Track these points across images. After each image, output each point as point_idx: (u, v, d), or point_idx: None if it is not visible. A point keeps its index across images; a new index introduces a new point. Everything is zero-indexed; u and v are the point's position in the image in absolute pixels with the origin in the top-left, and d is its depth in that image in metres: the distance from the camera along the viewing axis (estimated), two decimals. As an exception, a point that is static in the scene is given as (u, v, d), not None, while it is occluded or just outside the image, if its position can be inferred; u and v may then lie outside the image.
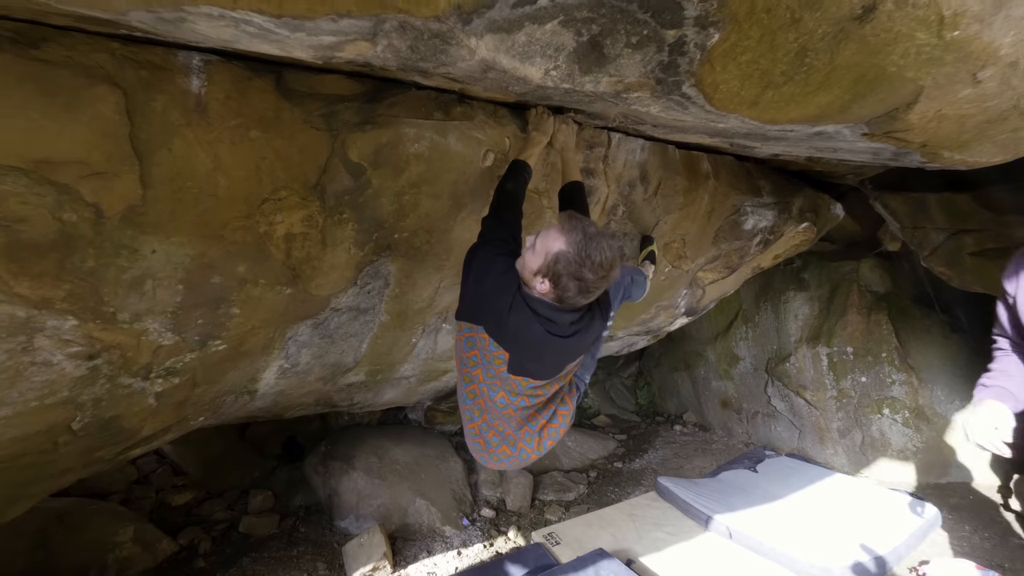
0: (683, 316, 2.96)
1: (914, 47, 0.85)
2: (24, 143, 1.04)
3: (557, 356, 1.22)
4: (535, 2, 0.68)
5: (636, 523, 2.49)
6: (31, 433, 1.41)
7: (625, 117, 1.54)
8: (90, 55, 1.08)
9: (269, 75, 1.30)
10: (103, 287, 1.22)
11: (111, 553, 2.21)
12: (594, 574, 1.92)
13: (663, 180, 2.08)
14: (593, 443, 3.65)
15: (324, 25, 0.64)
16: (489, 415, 1.28)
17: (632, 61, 0.87)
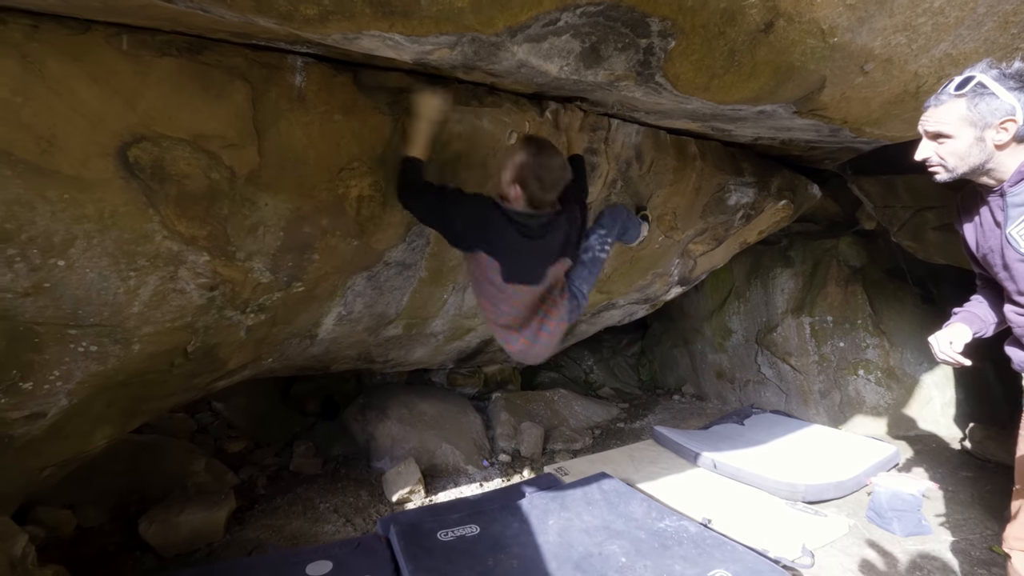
0: (677, 285, 3.39)
1: (808, 48, 1.28)
2: (189, 122, 1.49)
3: (536, 257, 1.67)
4: (556, 24, 1.12)
5: (635, 462, 2.92)
6: (160, 351, 1.86)
7: (621, 105, 1.98)
8: (232, 59, 1.53)
9: (348, 73, 1.75)
10: (231, 230, 1.67)
11: (189, 479, 2.66)
12: (597, 489, 2.35)
13: (655, 160, 2.51)
14: (598, 408, 4.07)
15: (431, 39, 1.08)
16: (498, 324, 1.79)
17: (619, 59, 1.31)
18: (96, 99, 1.33)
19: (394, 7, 0.92)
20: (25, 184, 1.30)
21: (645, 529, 1.99)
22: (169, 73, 1.42)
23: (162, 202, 1.51)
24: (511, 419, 3.53)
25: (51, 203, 1.35)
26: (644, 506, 2.17)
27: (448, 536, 1.91)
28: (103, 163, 1.39)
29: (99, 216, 1.43)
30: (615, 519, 2.07)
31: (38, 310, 1.50)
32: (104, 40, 1.32)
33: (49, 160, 1.31)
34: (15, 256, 1.37)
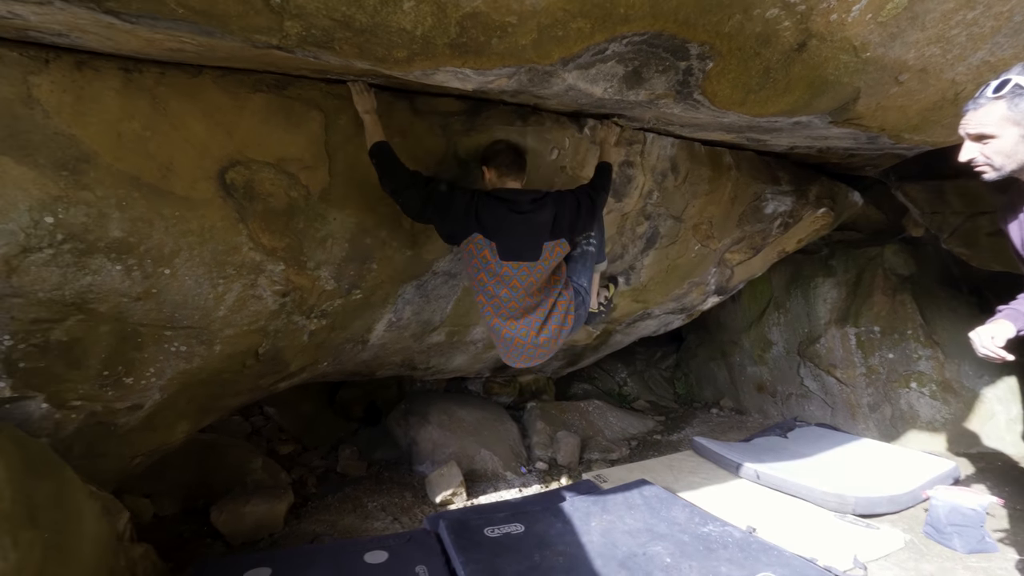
0: (714, 295, 3.44)
1: (842, 64, 1.39)
2: (274, 148, 1.73)
3: (529, 231, 1.80)
4: (604, 52, 1.28)
5: (674, 471, 2.96)
6: (236, 352, 2.09)
7: (657, 119, 2.13)
8: (310, 92, 1.77)
9: (405, 100, 1.97)
10: (305, 242, 1.89)
11: (248, 476, 2.89)
12: (638, 494, 2.42)
13: (690, 171, 2.63)
14: (633, 420, 4.12)
15: (494, 72, 1.26)
16: (500, 316, 1.88)
17: (660, 80, 1.46)
18: (204, 131, 1.58)
19: (468, 47, 1.11)
20: (147, 204, 1.55)
21: (689, 533, 2.05)
22: (260, 106, 1.67)
23: (250, 217, 1.75)
24: (547, 428, 3.63)
25: (165, 219, 1.60)
26: (686, 511, 2.23)
27: (495, 532, 2.03)
28: (207, 185, 1.63)
29: (200, 230, 1.68)
30: (657, 523, 2.13)
31: (144, 313, 1.75)
32: (212, 81, 1.57)
33: (167, 183, 1.56)
34: (134, 265, 1.62)
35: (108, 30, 1.06)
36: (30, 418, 1.72)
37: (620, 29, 1.18)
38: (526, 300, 1.86)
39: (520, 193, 1.84)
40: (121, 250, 1.59)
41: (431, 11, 1.01)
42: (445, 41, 1.08)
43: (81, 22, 1.00)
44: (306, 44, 1.03)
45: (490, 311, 1.90)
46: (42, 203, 1.43)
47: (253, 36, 0.99)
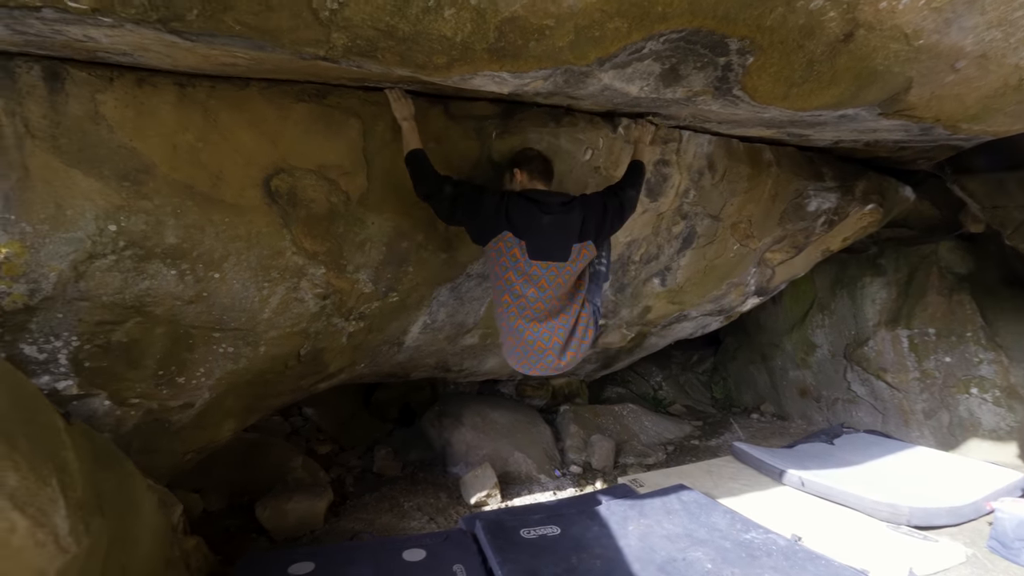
0: (754, 295, 3.35)
1: (892, 53, 1.33)
2: (316, 155, 1.80)
3: (558, 231, 1.81)
4: (641, 51, 1.28)
5: (713, 477, 2.89)
6: (279, 354, 2.18)
7: (694, 117, 2.09)
8: (349, 100, 1.83)
9: (440, 105, 2.01)
10: (344, 246, 1.96)
11: (289, 474, 2.99)
12: (676, 499, 2.37)
13: (728, 168, 2.57)
14: (669, 424, 4.04)
15: (531, 74, 1.28)
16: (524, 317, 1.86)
17: (697, 77, 1.44)
18: (251, 140, 1.67)
19: (506, 51, 1.13)
20: (200, 211, 1.64)
21: (730, 539, 1.99)
22: (302, 116, 1.74)
23: (293, 223, 1.82)
24: (580, 432, 3.60)
25: (216, 226, 1.69)
26: (727, 517, 2.17)
27: (531, 534, 2.03)
28: (253, 192, 1.72)
29: (247, 236, 1.76)
30: (697, 528, 2.09)
31: (196, 315, 1.85)
32: (258, 93, 1.65)
33: (217, 191, 1.65)
34: (187, 270, 1.72)
35: (169, 48, 1.13)
36: (94, 414, 1.84)
37: (658, 27, 1.17)
38: (552, 303, 1.86)
39: (550, 195, 1.87)
40: (176, 255, 1.69)
41: (470, 17, 1.03)
42: (483, 46, 1.10)
43: (146, 42, 1.08)
44: (351, 54, 1.08)
45: (514, 311, 1.88)
46: (106, 212, 1.54)
47: (303, 48, 1.05)
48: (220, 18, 0.92)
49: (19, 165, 1.40)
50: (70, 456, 1.27)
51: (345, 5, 0.95)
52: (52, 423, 1.28)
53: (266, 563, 1.85)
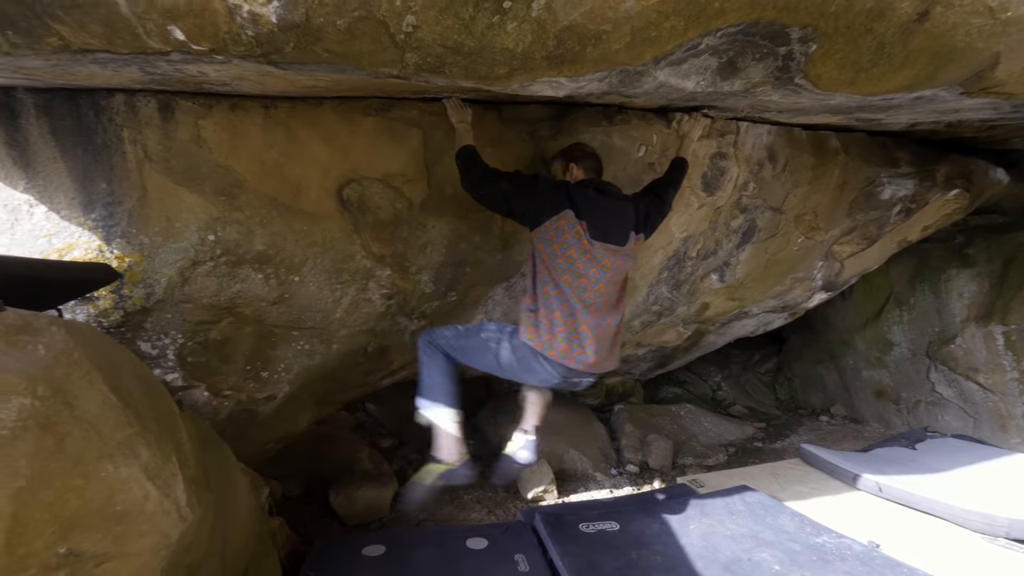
0: (821, 291, 3.19)
1: (975, 28, 1.26)
2: (382, 165, 1.94)
3: (618, 215, 1.83)
4: (698, 47, 1.30)
5: (779, 480, 2.79)
6: (350, 351, 2.35)
7: (752, 107, 2.05)
8: (410, 111, 1.96)
9: (494, 111, 2.10)
10: (408, 249, 2.09)
11: (356, 465, 3.19)
12: (740, 500, 2.32)
13: (790, 158, 2.49)
14: (730, 426, 3.92)
15: (587, 77, 1.34)
16: (584, 300, 1.77)
17: (756, 69, 1.43)
18: (325, 154, 1.83)
19: (564, 57, 1.19)
20: (283, 220, 1.83)
21: (799, 542, 1.93)
22: (369, 129, 1.89)
23: (363, 228, 1.98)
24: (636, 431, 3.58)
25: (296, 233, 1.87)
26: (795, 520, 2.10)
27: (590, 529, 2.07)
28: (328, 201, 1.88)
29: (323, 242, 1.93)
30: (763, 529, 2.04)
31: (278, 315, 2.05)
32: (331, 110, 1.81)
33: (297, 201, 1.82)
34: (271, 274, 1.91)
35: (263, 77, 1.29)
36: (196, 404, 2.08)
37: (715, 23, 1.19)
38: (610, 290, 1.82)
39: (606, 184, 1.90)
40: (262, 261, 1.89)
41: (531, 29, 1.10)
42: (543, 55, 1.17)
43: (246, 73, 1.23)
44: (421, 71, 1.18)
45: (575, 294, 1.76)
46: (206, 224, 1.75)
47: (379, 69, 1.16)
48: (311, 48, 1.04)
49: (139, 186, 1.62)
50: (184, 438, 1.46)
51: (418, 27, 1.04)
52: (170, 409, 1.48)
53: (341, 544, 2.01)
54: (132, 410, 1.22)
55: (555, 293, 1.79)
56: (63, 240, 1.64)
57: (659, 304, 2.91)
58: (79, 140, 1.56)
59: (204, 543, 1.48)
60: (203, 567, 1.50)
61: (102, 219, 1.64)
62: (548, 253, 1.78)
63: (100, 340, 1.28)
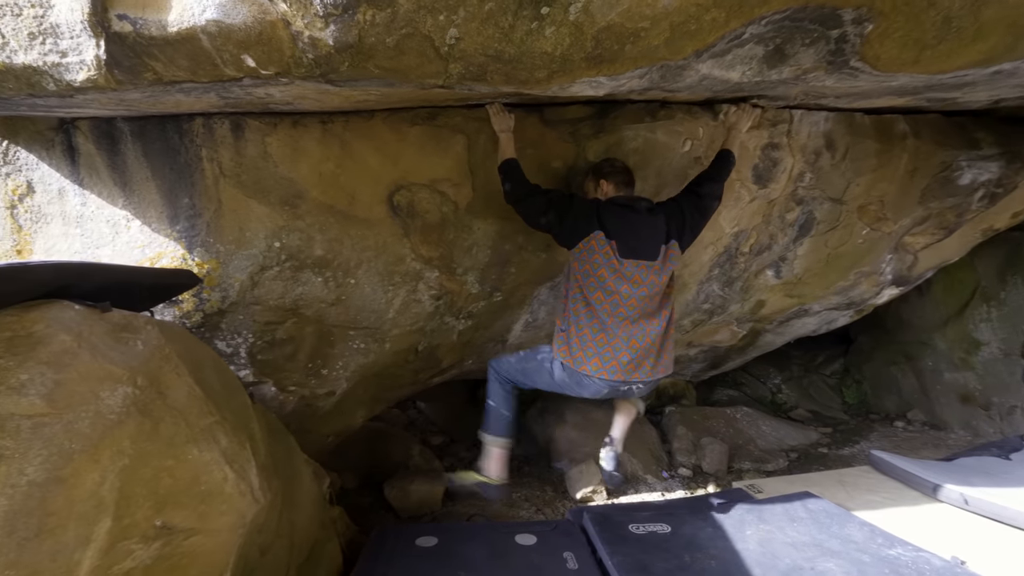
0: (891, 286, 2.97)
1: (1059, -6, 1.15)
2: (429, 171, 2.03)
3: (648, 231, 1.84)
4: (741, 37, 1.27)
5: (846, 488, 2.62)
6: (401, 349, 2.46)
7: (806, 94, 1.97)
8: (455, 118, 2.04)
9: (536, 113, 2.13)
10: (454, 251, 2.17)
11: (409, 461, 3.32)
12: (801, 507, 2.21)
13: (851, 145, 2.35)
14: (791, 430, 3.72)
15: (626, 75, 1.35)
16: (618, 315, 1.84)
17: (807, 54, 1.37)
18: (377, 163, 1.94)
19: (603, 57, 1.21)
20: (339, 227, 1.96)
21: (869, 553, 1.81)
22: (417, 137, 1.98)
23: (412, 232, 2.08)
24: (688, 434, 3.48)
25: (351, 238, 1.99)
26: (865, 530, 1.97)
27: (640, 530, 2.05)
28: (380, 207, 1.99)
29: (376, 246, 2.05)
30: (828, 538, 1.93)
31: (336, 316, 2.19)
32: (381, 121, 1.92)
33: (352, 208, 1.95)
34: (330, 277, 2.05)
35: (321, 94, 1.40)
36: (264, 398, 2.26)
37: (758, 11, 1.16)
38: (646, 302, 1.88)
39: (636, 199, 1.94)
40: (321, 265, 2.03)
41: (569, 32, 1.13)
42: (581, 56, 1.19)
43: (306, 92, 1.35)
44: (464, 80, 1.24)
45: (607, 309, 1.84)
46: (273, 232, 1.90)
47: (425, 80, 1.23)
48: (364, 66, 1.13)
49: (215, 199, 1.80)
50: (256, 427, 1.61)
51: (461, 39, 1.10)
52: (244, 401, 1.63)
53: (397, 534, 2.10)
54: (213, 401, 1.36)
55: (585, 311, 1.89)
56: (154, 250, 1.85)
57: (710, 302, 2.83)
58: (166, 160, 1.76)
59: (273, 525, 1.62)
60: (273, 548, 1.63)
61: (185, 230, 1.84)
62: (581, 272, 1.88)
63: (186, 338, 1.44)
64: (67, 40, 1.06)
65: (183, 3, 1.01)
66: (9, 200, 1.79)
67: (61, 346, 1.03)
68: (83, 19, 1.03)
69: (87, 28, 1.04)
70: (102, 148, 1.76)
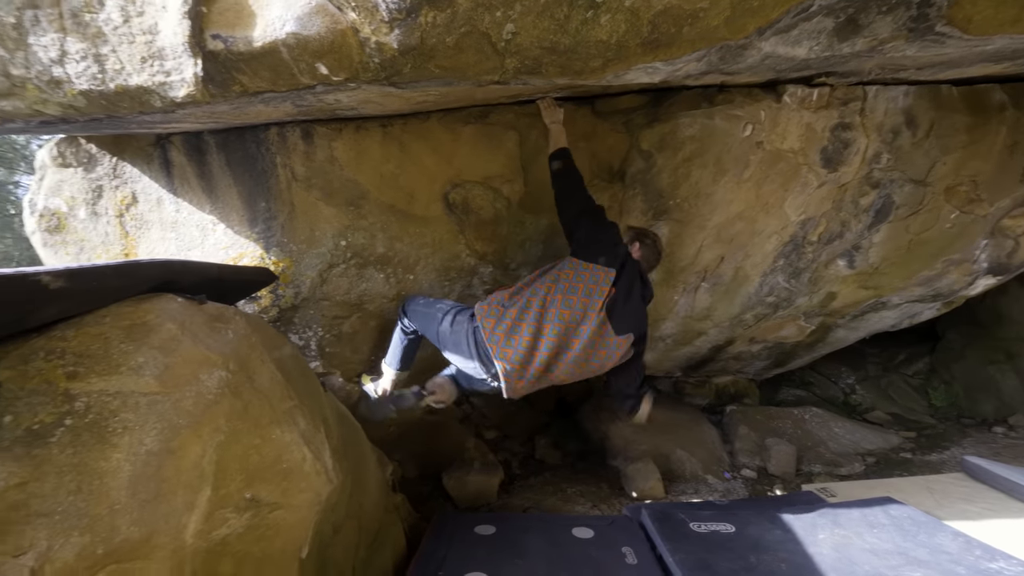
0: (987, 275, 2.69)
1: None
2: (482, 168, 2.09)
3: (633, 309, 1.76)
4: (808, 10, 1.21)
5: (935, 495, 2.41)
6: (457, 343, 2.52)
7: (882, 68, 1.83)
8: (506, 115, 2.08)
9: (587, 106, 2.13)
10: (508, 246, 2.21)
11: (464, 453, 3.41)
12: (883, 513, 2.06)
13: (936, 121, 2.15)
14: (868, 433, 3.46)
15: (683, 59, 1.32)
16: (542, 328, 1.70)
17: (884, 23, 1.28)
18: (433, 163, 2.02)
19: (659, 41, 1.19)
20: (399, 225, 2.05)
21: (964, 565, 1.66)
22: (470, 136, 2.04)
23: (467, 229, 2.14)
24: (751, 434, 3.33)
25: (410, 236, 2.08)
26: (959, 541, 1.81)
27: (702, 528, 1.99)
28: (436, 205, 2.07)
29: (433, 243, 2.13)
30: (915, 547, 1.79)
31: (394, 310, 2.29)
32: (437, 122, 2.00)
33: (411, 207, 2.04)
34: (390, 273, 2.15)
35: (384, 98, 1.48)
36: (333, 387, 2.41)
37: (829, -21, 1.10)
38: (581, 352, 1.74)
39: (647, 281, 1.88)
40: (383, 262, 2.13)
41: (625, 18, 1.13)
42: (637, 42, 1.19)
43: (370, 96, 1.43)
44: (519, 74, 1.27)
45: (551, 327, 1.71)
46: (339, 231, 2.03)
47: (482, 77, 1.27)
48: (425, 66, 1.18)
49: (288, 202, 1.95)
50: (328, 413, 1.72)
51: (517, 34, 1.13)
52: (318, 389, 1.75)
53: (457, 521, 2.17)
54: (292, 386, 1.47)
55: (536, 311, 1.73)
56: (236, 251, 2.02)
57: (775, 295, 2.69)
58: (246, 168, 1.92)
59: (344, 506, 1.72)
60: (344, 528, 1.74)
61: (263, 232, 2.00)
62: (563, 282, 1.74)
63: (267, 328, 1.57)
64: (171, 61, 1.20)
65: (266, 19, 1.11)
66: (118, 209, 2.02)
67: (168, 334, 1.16)
68: (184, 41, 1.16)
69: (187, 49, 1.17)
70: (192, 159, 1.95)
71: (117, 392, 1.03)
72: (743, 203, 2.23)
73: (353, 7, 1.06)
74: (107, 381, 1.03)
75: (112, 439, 0.99)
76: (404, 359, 2.14)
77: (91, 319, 1.11)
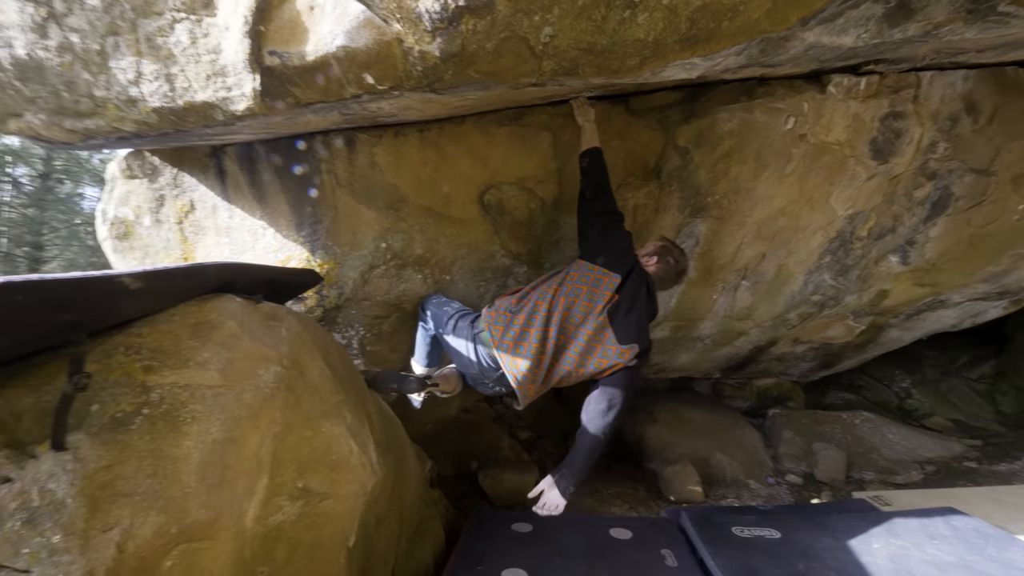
0: (1060, 270, 2.50)
1: None
2: (516, 169, 2.12)
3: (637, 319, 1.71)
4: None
5: (1004, 507, 2.27)
6: (492, 343, 2.56)
7: (937, 52, 1.75)
8: (540, 116, 2.10)
9: (620, 104, 2.13)
10: (542, 246, 2.23)
11: (499, 452, 3.45)
12: (943, 523, 1.95)
13: (1000, 106, 2.03)
14: (926, 440, 3.28)
15: (722, 54, 1.31)
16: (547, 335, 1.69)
17: (939, 6, 1.23)
18: (469, 165, 2.06)
19: (698, 37, 1.19)
20: (436, 227, 2.11)
21: (1036, 581, 1.56)
22: (504, 138, 2.07)
23: (501, 229, 2.17)
24: (796, 438, 3.22)
25: (447, 237, 2.14)
26: (1030, 555, 1.69)
27: (745, 533, 1.95)
28: (472, 207, 2.12)
29: (469, 244, 2.17)
30: (981, 561, 1.68)
31: (435, 310, 2.35)
32: (472, 125, 2.04)
33: (447, 209, 2.09)
34: (428, 274, 2.21)
35: (424, 104, 1.53)
36: (373, 386, 2.49)
37: (877, -36, 1.07)
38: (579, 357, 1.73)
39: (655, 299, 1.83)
40: (421, 263, 2.20)
41: (663, 16, 1.13)
42: (675, 39, 1.19)
43: (411, 102, 1.49)
44: (556, 75, 1.29)
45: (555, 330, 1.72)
46: (380, 234, 2.10)
47: (519, 80, 1.30)
48: (465, 72, 1.23)
49: (332, 207, 2.04)
50: (372, 408, 1.79)
51: (555, 36, 1.16)
52: (361, 385, 1.82)
53: (494, 518, 2.21)
54: (339, 382, 1.55)
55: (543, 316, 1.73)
56: (284, 254, 2.13)
57: (820, 293, 2.60)
58: (292, 175, 2.02)
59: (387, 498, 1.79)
60: (387, 519, 1.81)
61: (308, 236, 2.10)
62: (568, 284, 1.75)
63: (316, 327, 1.66)
64: (232, 77, 1.29)
65: (318, 34, 1.18)
66: (178, 216, 2.17)
67: (229, 331, 1.25)
68: (244, 59, 1.25)
69: (247, 66, 1.26)
70: (244, 168, 2.07)
71: (187, 385, 1.12)
72: (785, 198, 2.17)
73: (398, 19, 1.12)
74: (178, 374, 1.12)
75: (183, 428, 1.07)
76: (430, 355, 2.22)
77: (162, 317, 1.21)
